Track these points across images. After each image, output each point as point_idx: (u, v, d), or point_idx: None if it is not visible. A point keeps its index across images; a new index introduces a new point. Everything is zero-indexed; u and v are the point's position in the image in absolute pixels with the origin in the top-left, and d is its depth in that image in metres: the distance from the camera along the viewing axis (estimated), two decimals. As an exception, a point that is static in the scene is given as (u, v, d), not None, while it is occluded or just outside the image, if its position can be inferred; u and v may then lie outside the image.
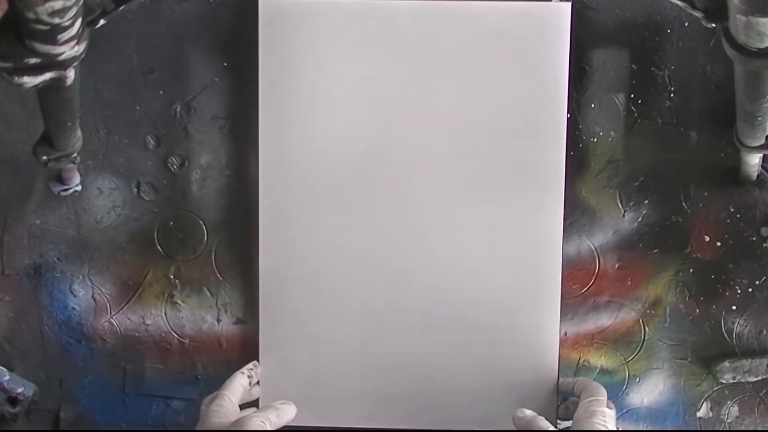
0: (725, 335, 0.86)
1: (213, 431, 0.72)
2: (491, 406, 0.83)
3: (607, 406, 0.76)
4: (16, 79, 0.56)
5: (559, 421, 0.83)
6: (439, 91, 0.82)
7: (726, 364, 0.86)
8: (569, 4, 0.81)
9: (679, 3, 0.60)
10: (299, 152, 0.83)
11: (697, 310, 0.86)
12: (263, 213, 0.83)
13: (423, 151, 0.83)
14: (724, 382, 0.86)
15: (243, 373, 0.81)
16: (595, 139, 0.85)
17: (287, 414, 0.77)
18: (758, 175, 0.84)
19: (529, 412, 0.77)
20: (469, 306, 0.83)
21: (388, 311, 0.83)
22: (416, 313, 0.83)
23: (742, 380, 0.86)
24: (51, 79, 0.58)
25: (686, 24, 0.84)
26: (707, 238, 0.86)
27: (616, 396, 0.86)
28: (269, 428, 0.74)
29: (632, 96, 0.85)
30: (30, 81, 0.57)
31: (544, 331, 0.83)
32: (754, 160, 0.81)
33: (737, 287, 0.86)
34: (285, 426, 0.77)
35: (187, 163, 0.86)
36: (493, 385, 0.83)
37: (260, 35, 0.81)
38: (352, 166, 0.83)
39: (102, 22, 0.58)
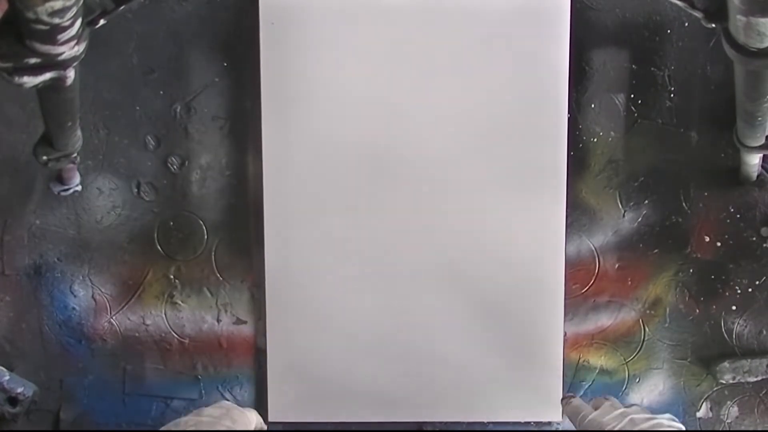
0: (725, 335, 0.86)
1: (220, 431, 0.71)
2: (498, 398, 0.85)
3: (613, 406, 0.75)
4: (16, 79, 0.56)
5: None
6: (439, 90, 0.82)
7: (726, 364, 0.86)
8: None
9: (679, 3, 0.60)
10: (302, 152, 0.83)
11: (697, 310, 0.86)
12: (268, 213, 0.83)
13: (424, 151, 0.83)
14: (724, 382, 0.86)
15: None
16: (595, 139, 0.85)
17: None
18: (758, 175, 0.84)
19: None
20: (474, 303, 0.84)
21: (392, 308, 0.84)
22: (421, 309, 0.84)
23: (742, 380, 0.86)
24: (51, 79, 0.58)
25: (686, 24, 0.84)
26: (707, 238, 0.86)
27: (616, 396, 0.85)
28: None
29: (632, 96, 0.85)
30: (30, 81, 0.57)
31: (547, 325, 0.84)
32: (754, 160, 0.81)
33: (737, 287, 0.86)
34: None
35: (187, 163, 0.86)
36: (500, 378, 0.84)
37: (260, 35, 0.81)
38: (354, 165, 0.83)
39: (102, 22, 0.58)
